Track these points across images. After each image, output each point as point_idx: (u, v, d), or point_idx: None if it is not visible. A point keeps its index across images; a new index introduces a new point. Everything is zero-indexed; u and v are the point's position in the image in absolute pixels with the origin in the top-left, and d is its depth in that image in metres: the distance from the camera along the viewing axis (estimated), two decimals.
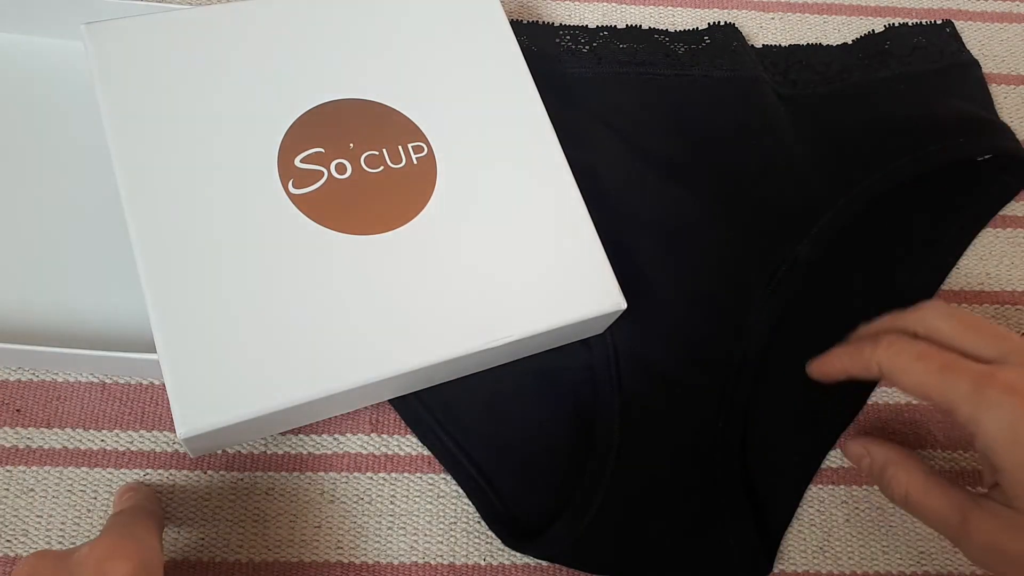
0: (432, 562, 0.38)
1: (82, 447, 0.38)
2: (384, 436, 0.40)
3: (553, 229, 0.38)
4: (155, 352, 0.32)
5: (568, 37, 0.48)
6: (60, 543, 0.37)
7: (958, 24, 0.51)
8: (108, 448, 0.38)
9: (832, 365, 0.35)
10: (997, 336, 0.31)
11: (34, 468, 0.38)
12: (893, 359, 0.31)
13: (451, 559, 0.38)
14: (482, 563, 0.38)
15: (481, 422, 0.39)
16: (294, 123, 0.37)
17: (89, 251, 0.41)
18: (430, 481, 0.39)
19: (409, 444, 0.39)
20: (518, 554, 0.38)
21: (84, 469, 0.38)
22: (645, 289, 0.41)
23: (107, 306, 0.40)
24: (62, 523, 0.37)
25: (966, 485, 0.35)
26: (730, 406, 0.40)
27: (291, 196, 0.35)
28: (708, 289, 0.42)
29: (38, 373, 0.39)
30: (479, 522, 0.38)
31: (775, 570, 0.38)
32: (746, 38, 0.49)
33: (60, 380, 0.39)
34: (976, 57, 0.50)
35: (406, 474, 0.39)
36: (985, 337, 0.31)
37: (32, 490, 0.37)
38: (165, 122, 0.35)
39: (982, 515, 0.30)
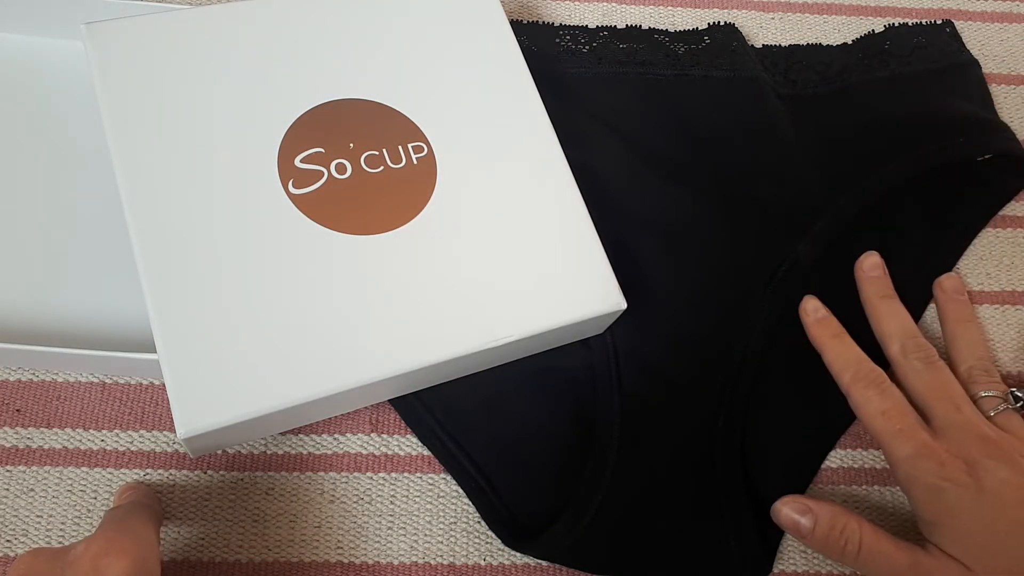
0: (432, 562, 0.38)
1: (82, 447, 0.38)
2: (384, 436, 0.40)
3: (553, 229, 0.38)
4: (155, 352, 0.32)
5: (568, 37, 0.48)
6: (60, 543, 0.37)
7: (958, 24, 0.51)
8: (108, 448, 0.38)
9: (827, 358, 0.39)
10: (954, 407, 0.36)
11: (34, 468, 0.38)
12: (863, 404, 0.37)
13: (451, 559, 0.38)
14: (482, 563, 0.38)
15: (481, 422, 0.39)
16: (294, 123, 0.37)
17: (89, 251, 0.41)
18: (430, 481, 0.39)
19: (409, 444, 0.39)
20: (518, 554, 0.38)
21: (84, 469, 0.38)
22: (645, 289, 0.41)
23: (107, 306, 0.40)
24: (62, 523, 0.37)
25: None
26: (730, 406, 0.40)
27: (291, 196, 0.35)
28: (708, 289, 0.42)
29: (38, 373, 0.39)
30: (479, 522, 0.38)
31: (775, 570, 0.38)
32: (746, 38, 0.49)
33: (60, 380, 0.39)
34: (976, 57, 0.50)
35: (406, 474, 0.39)
36: (944, 405, 0.36)
37: (32, 490, 0.37)
38: (165, 122, 0.35)
39: (930, 559, 0.34)
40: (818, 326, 0.40)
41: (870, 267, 0.42)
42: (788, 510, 0.36)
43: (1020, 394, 0.38)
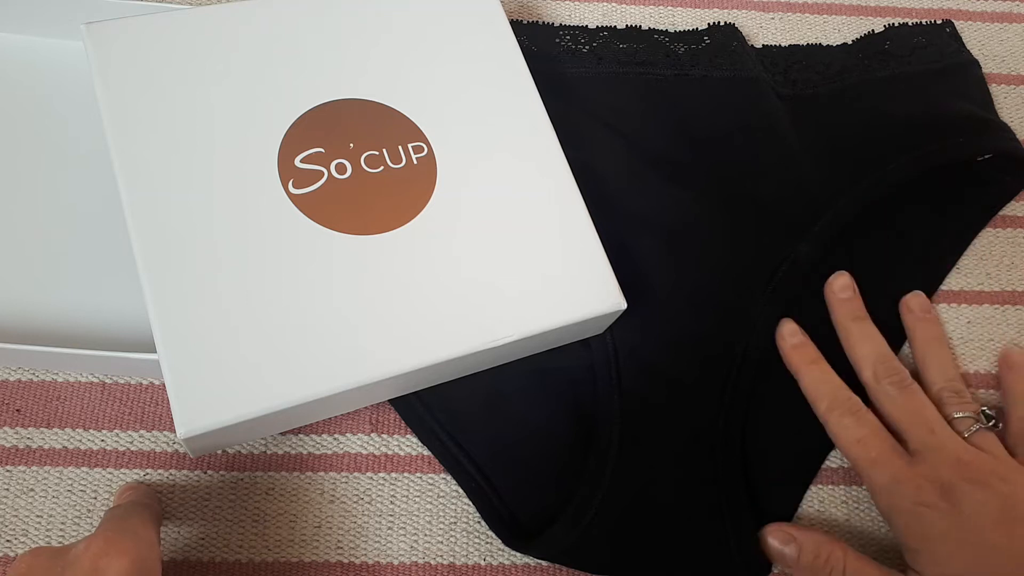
0: (432, 562, 0.38)
1: (82, 447, 0.38)
2: (384, 436, 0.40)
3: (553, 229, 0.38)
4: (155, 352, 0.32)
5: (568, 37, 0.48)
6: (60, 543, 0.37)
7: (958, 24, 0.51)
8: (108, 448, 0.38)
9: (803, 385, 0.39)
10: (928, 430, 0.36)
11: (34, 468, 0.38)
12: (839, 432, 0.37)
13: (451, 559, 0.38)
14: (482, 563, 0.38)
15: (481, 422, 0.39)
16: (294, 123, 0.37)
17: (89, 251, 0.41)
18: (430, 481, 0.39)
19: (409, 444, 0.39)
20: (518, 554, 0.38)
21: (84, 469, 0.38)
22: (645, 289, 0.41)
23: (107, 306, 0.40)
24: (62, 523, 0.37)
25: None
26: (730, 406, 0.40)
27: (291, 196, 0.35)
28: (708, 289, 0.42)
29: (38, 373, 0.39)
30: (479, 522, 0.38)
31: (775, 570, 0.38)
32: (746, 38, 0.49)
33: (60, 380, 0.39)
34: (976, 57, 0.50)
35: (406, 474, 0.39)
36: (918, 428, 0.36)
37: (32, 490, 0.37)
38: (165, 122, 0.35)
39: None
40: (795, 352, 0.40)
41: (840, 288, 0.41)
42: (772, 540, 0.37)
43: (991, 412, 0.38)
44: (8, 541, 0.37)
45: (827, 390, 0.38)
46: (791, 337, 0.40)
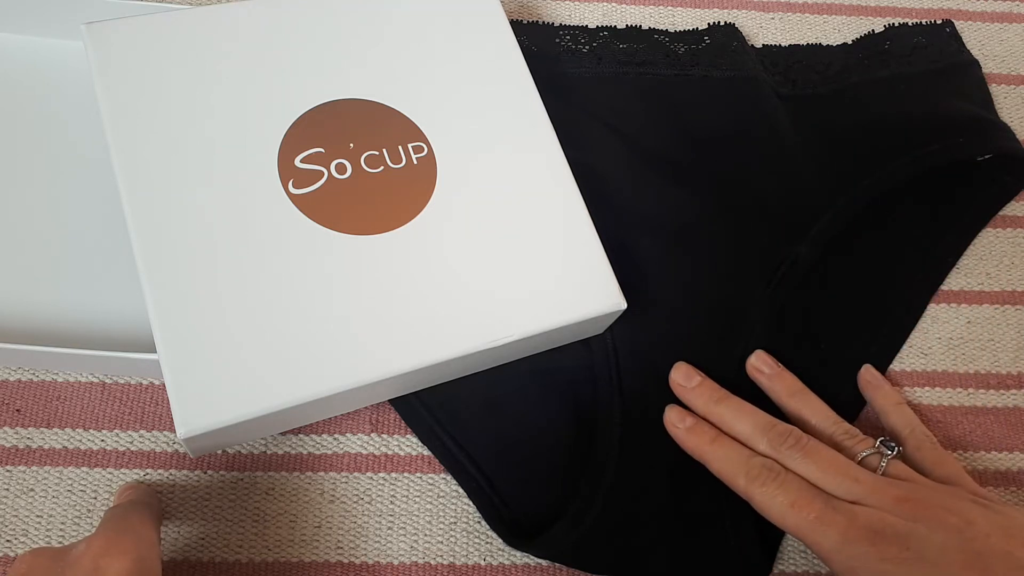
0: (432, 562, 0.38)
1: (82, 447, 0.38)
2: (384, 436, 0.40)
3: (553, 229, 0.38)
4: (155, 352, 0.32)
5: (568, 37, 0.48)
6: (60, 543, 0.37)
7: (958, 24, 0.51)
8: (108, 448, 0.38)
9: (714, 468, 0.36)
10: (852, 479, 0.34)
11: (34, 468, 0.38)
12: (768, 503, 0.34)
13: (451, 559, 0.38)
14: (482, 563, 0.38)
15: (481, 422, 0.39)
16: (294, 123, 0.37)
17: (89, 251, 0.41)
18: (430, 481, 0.39)
19: (409, 444, 0.39)
20: (518, 554, 0.38)
21: (84, 469, 0.38)
22: (645, 289, 0.41)
23: (107, 306, 0.40)
24: (62, 523, 0.37)
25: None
26: None
27: (291, 196, 0.35)
28: (708, 289, 0.42)
29: (38, 373, 0.39)
30: (479, 522, 0.38)
31: (775, 570, 0.38)
32: (746, 38, 0.49)
33: (60, 380, 0.39)
34: (976, 57, 0.50)
35: (406, 474, 0.39)
36: (842, 480, 0.34)
37: (32, 490, 0.37)
38: (165, 122, 0.35)
39: None
40: (692, 435, 0.37)
41: (684, 377, 0.39)
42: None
43: (889, 441, 0.36)
44: (8, 541, 0.37)
45: (739, 461, 0.35)
46: (681, 422, 0.38)
